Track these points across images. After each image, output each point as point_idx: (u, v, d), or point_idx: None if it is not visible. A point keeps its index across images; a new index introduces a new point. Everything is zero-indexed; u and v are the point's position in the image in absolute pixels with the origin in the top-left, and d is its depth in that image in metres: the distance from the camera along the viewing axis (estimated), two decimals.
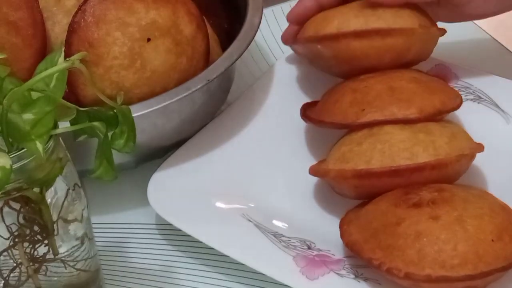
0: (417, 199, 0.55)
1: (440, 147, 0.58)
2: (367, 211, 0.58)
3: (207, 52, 0.66)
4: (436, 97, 0.62)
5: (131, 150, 0.48)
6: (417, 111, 0.60)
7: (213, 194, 0.63)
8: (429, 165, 0.57)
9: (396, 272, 0.53)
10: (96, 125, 0.47)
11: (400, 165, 0.57)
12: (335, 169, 0.60)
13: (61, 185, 0.49)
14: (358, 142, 0.60)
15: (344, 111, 0.62)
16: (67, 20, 0.61)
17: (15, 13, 0.58)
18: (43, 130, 0.44)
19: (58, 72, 0.45)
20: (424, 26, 0.64)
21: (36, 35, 0.59)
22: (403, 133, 0.59)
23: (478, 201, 0.55)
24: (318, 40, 0.65)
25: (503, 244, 0.53)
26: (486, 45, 0.79)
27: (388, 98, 0.61)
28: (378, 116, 0.61)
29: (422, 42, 0.65)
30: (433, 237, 0.53)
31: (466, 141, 0.60)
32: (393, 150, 0.58)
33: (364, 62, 0.65)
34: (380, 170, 0.58)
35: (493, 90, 0.69)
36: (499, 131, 0.64)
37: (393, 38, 0.63)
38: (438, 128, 0.60)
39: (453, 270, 0.52)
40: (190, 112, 0.64)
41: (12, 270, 0.49)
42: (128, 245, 0.63)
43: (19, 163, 0.44)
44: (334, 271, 0.57)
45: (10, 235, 0.48)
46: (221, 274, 0.60)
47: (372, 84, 0.63)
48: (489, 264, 0.52)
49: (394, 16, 0.64)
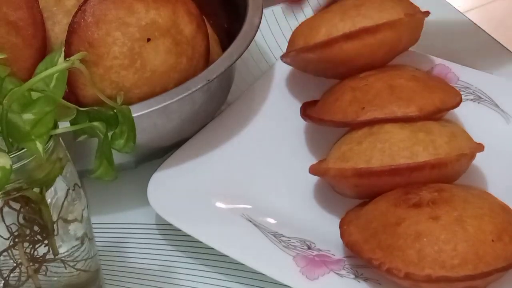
0: (417, 199, 0.55)
1: (440, 147, 0.58)
2: (367, 211, 0.58)
3: (207, 52, 0.66)
4: (435, 96, 0.62)
5: (131, 150, 0.48)
6: (417, 110, 0.61)
7: (213, 194, 0.63)
8: (429, 164, 0.57)
9: (396, 272, 0.53)
10: (96, 125, 0.47)
11: (400, 164, 0.58)
12: (335, 168, 0.60)
13: (61, 185, 0.49)
14: (358, 141, 0.60)
15: (344, 109, 0.63)
16: (67, 20, 0.61)
17: (15, 13, 0.58)
18: (43, 130, 0.44)
19: (58, 72, 0.45)
20: (409, 14, 0.65)
21: (36, 35, 0.59)
22: (403, 132, 0.59)
23: (478, 201, 0.55)
24: (310, 49, 0.66)
25: (503, 244, 0.53)
26: (486, 45, 0.79)
27: (388, 96, 0.62)
28: (378, 114, 0.61)
29: (410, 30, 0.66)
30: (433, 237, 0.53)
31: (466, 141, 0.60)
32: (393, 149, 0.58)
33: (359, 61, 0.65)
34: (380, 169, 0.58)
35: (493, 90, 0.69)
36: (499, 131, 0.64)
37: (383, 33, 0.64)
38: (438, 127, 0.60)
39: (453, 270, 0.52)
40: (190, 112, 0.64)
41: (12, 270, 0.49)
42: (128, 245, 0.63)
43: (19, 163, 0.44)
44: (334, 271, 0.57)
45: (10, 235, 0.48)
46: (221, 274, 0.60)
47: (371, 82, 0.63)
48: (489, 264, 0.52)
49: (378, 11, 0.64)
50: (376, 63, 0.66)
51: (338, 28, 0.65)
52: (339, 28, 0.64)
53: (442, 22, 0.80)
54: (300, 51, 0.67)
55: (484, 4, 1.77)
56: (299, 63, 0.70)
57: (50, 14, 0.62)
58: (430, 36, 0.70)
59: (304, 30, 0.68)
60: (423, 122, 0.60)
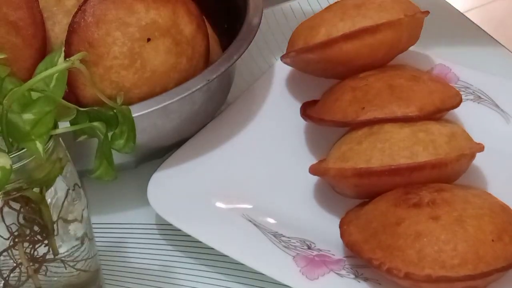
0: (417, 199, 0.55)
1: (440, 147, 0.58)
2: (367, 211, 0.58)
3: (207, 52, 0.66)
4: (435, 96, 0.62)
5: (131, 150, 0.48)
6: (417, 110, 0.61)
7: (213, 194, 0.63)
8: (429, 164, 0.57)
9: (396, 272, 0.53)
10: (96, 125, 0.47)
11: (400, 164, 0.58)
12: (335, 168, 0.60)
13: (61, 185, 0.49)
14: (358, 141, 0.60)
15: (344, 109, 0.63)
16: (67, 20, 0.61)
17: (15, 13, 0.58)
18: (43, 130, 0.44)
19: (58, 72, 0.45)
20: (409, 14, 0.65)
21: (36, 35, 0.59)
22: (403, 131, 0.59)
23: (478, 201, 0.55)
24: (310, 50, 0.66)
25: (503, 244, 0.53)
26: (486, 45, 0.79)
27: (388, 96, 0.62)
28: (378, 114, 0.61)
29: (410, 29, 0.66)
30: (433, 237, 0.53)
31: (466, 141, 0.60)
32: (393, 149, 0.58)
33: (359, 61, 0.65)
34: (380, 169, 0.58)
35: (493, 90, 0.69)
36: (499, 131, 0.64)
37: (383, 33, 0.64)
38: (438, 127, 0.60)
39: (453, 270, 0.52)
40: (190, 112, 0.64)
41: (12, 270, 0.49)
42: (128, 245, 0.63)
43: (19, 163, 0.44)
44: (334, 271, 0.57)
45: (10, 235, 0.48)
46: (221, 274, 0.60)
47: (371, 82, 0.63)
48: (489, 264, 0.52)
49: (378, 11, 0.64)
50: (376, 63, 0.66)
51: (338, 28, 0.65)
52: (339, 28, 0.64)
53: (442, 22, 0.80)
54: (300, 51, 0.67)
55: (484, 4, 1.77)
56: (299, 63, 0.70)
57: (50, 14, 0.62)
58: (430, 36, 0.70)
59: (304, 30, 0.68)
60: (423, 122, 0.60)
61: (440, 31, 0.79)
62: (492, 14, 1.74)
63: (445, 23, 0.71)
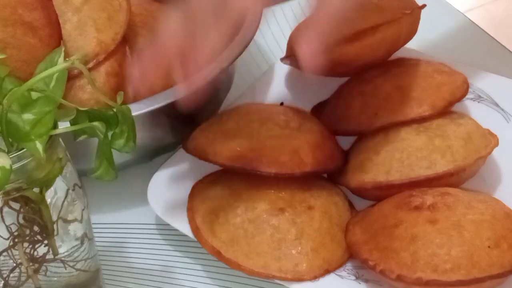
0: (419, 202, 0.55)
1: (457, 152, 0.58)
2: (372, 212, 0.58)
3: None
4: (444, 89, 0.62)
5: (131, 150, 0.48)
6: (429, 108, 0.61)
7: None
8: (448, 173, 0.58)
9: (388, 273, 0.53)
10: (96, 125, 0.46)
11: (420, 176, 0.58)
12: (355, 180, 0.60)
13: (61, 185, 0.49)
14: (375, 151, 0.60)
15: (356, 117, 0.63)
16: (77, 18, 0.61)
17: (30, 14, 0.57)
18: (43, 130, 0.44)
19: (58, 72, 0.45)
20: (407, 12, 0.65)
21: (52, 34, 0.59)
22: (419, 138, 0.59)
23: (481, 207, 0.55)
24: None
25: (500, 251, 0.52)
26: (486, 45, 0.79)
27: (398, 98, 0.62)
28: (392, 119, 0.61)
29: (409, 26, 0.66)
30: (428, 241, 0.52)
31: (481, 139, 0.60)
32: (412, 159, 0.59)
33: (360, 61, 0.65)
34: (400, 182, 0.58)
35: (493, 89, 0.69)
36: (499, 130, 0.64)
37: (382, 32, 0.64)
38: (453, 128, 0.60)
39: (445, 275, 0.51)
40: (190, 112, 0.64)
41: (12, 270, 0.49)
42: (128, 245, 0.63)
43: (19, 163, 0.44)
44: (334, 272, 0.57)
45: (10, 235, 0.47)
46: (220, 274, 0.60)
47: (379, 85, 0.63)
48: (483, 270, 0.51)
49: (376, 12, 0.64)
50: (376, 61, 0.66)
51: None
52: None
53: (442, 22, 0.80)
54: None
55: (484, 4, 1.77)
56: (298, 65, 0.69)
57: (60, 12, 0.61)
58: (430, 36, 0.71)
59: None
60: (438, 123, 0.60)
61: (440, 31, 0.79)
62: (492, 14, 1.74)
63: (445, 23, 0.71)
